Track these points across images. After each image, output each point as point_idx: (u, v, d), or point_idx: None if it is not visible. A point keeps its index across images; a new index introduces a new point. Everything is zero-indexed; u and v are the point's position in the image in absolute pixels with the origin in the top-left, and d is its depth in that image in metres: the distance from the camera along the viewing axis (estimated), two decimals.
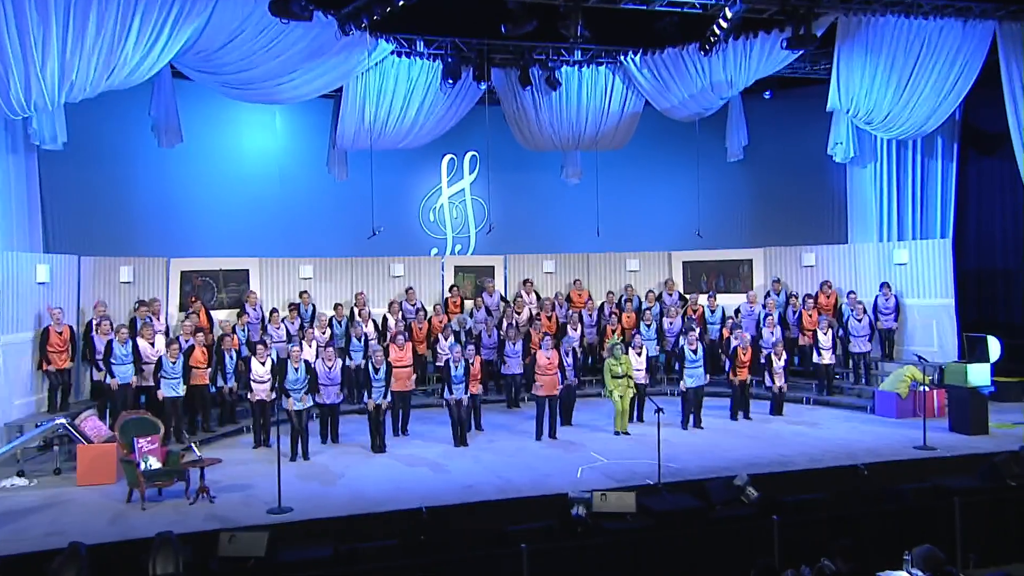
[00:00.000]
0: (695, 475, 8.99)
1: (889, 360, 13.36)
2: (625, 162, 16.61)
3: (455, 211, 16.87)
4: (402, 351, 11.36)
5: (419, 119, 13.61)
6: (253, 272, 13.73)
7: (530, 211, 16.76)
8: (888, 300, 13.24)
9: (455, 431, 10.76)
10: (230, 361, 11.28)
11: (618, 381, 11.15)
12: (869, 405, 12.36)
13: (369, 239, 13.25)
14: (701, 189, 15.58)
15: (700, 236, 14.98)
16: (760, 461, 9.57)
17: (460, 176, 16.81)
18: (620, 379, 11.16)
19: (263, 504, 8.12)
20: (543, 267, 15.60)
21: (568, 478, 9.02)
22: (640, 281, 15.58)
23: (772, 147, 16.17)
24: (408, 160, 16.04)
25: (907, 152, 14.64)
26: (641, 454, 9.87)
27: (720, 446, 10.41)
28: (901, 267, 13.52)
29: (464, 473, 9.34)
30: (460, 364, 10.79)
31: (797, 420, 11.94)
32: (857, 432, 11.09)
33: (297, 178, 15.34)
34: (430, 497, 8.32)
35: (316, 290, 14.10)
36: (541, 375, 11.06)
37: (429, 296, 14.77)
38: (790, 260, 15.00)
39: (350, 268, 14.55)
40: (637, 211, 16.94)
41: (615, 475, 9.10)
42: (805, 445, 10.32)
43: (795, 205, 16.15)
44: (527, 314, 14.17)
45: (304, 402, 10.14)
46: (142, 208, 13.54)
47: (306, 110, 15.22)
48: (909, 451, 9.92)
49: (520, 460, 9.88)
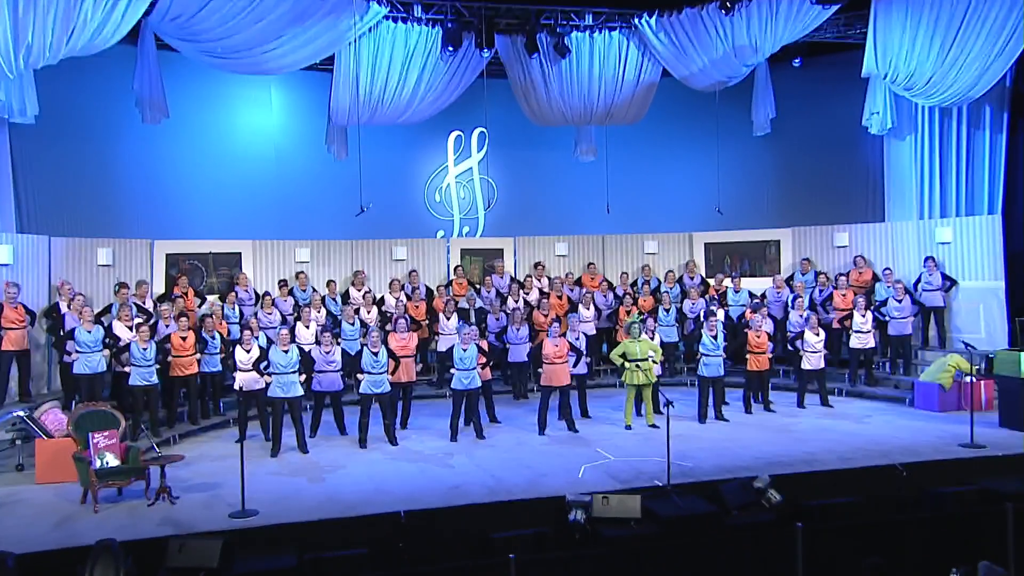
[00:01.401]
0: (709, 475, 8.07)
1: (926, 347, 12.25)
2: (642, 138, 15.65)
3: (462, 191, 16.01)
4: (405, 339, 10.49)
5: (419, 91, 12.74)
6: (246, 255, 13.06)
7: (542, 191, 15.89)
8: (932, 275, 12.11)
9: (453, 425, 9.92)
10: (212, 344, 10.57)
11: (634, 365, 10.14)
12: (908, 397, 11.28)
13: (357, 216, 12.49)
14: (724, 166, 14.54)
15: (721, 213, 13.95)
16: (783, 459, 8.60)
17: (467, 154, 15.96)
18: (637, 363, 10.14)
19: (228, 506, 7.38)
20: (555, 250, 14.74)
21: (568, 478, 8.15)
22: (659, 265, 14.69)
23: (801, 119, 15.04)
24: (412, 137, 15.29)
25: (951, 122, 13.40)
26: (651, 451, 8.95)
27: (739, 442, 9.44)
28: (944, 246, 12.37)
29: (454, 472, 8.51)
30: (471, 347, 9.88)
31: (826, 413, 10.90)
32: (894, 427, 10.04)
33: (294, 156, 14.62)
34: (412, 499, 7.53)
35: (313, 274, 13.44)
36: (548, 364, 10.14)
37: (433, 281, 13.98)
38: (821, 240, 13.92)
39: (349, 251, 13.83)
40: (655, 190, 15.97)
41: (620, 475, 8.20)
42: (834, 442, 9.32)
43: (826, 181, 14.99)
44: (536, 296, 13.31)
45: (288, 390, 9.34)
46: (124, 187, 12.85)
47: (303, 85, 14.48)
48: (954, 449, 8.86)
49: (517, 457, 9.02)
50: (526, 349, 11.64)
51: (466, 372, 9.83)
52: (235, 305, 11.93)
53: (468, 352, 9.85)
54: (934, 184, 13.44)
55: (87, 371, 9.44)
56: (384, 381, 9.69)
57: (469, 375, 9.84)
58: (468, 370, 9.83)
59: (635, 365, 10.17)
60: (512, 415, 11.20)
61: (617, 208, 14.74)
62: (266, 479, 8.30)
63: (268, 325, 11.72)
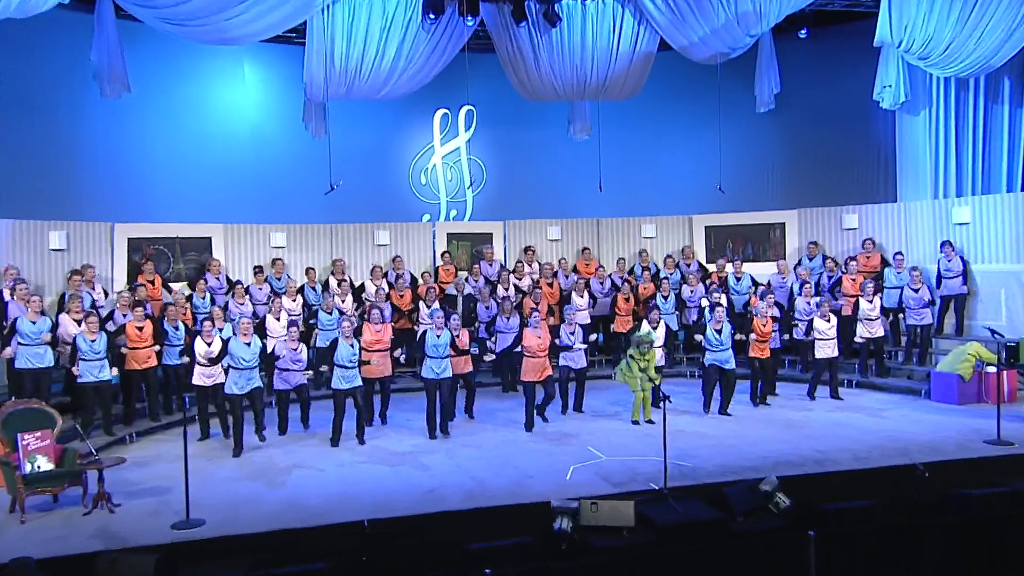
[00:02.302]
0: (712, 477, 7.32)
1: (940, 335, 11.46)
2: (639, 115, 14.83)
3: (449, 172, 15.18)
4: (379, 330, 9.72)
5: (399, 63, 11.88)
6: (216, 240, 12.26)
7: (533, 172, 15.07)
8: (951, 260, 11.31)
9: (430, 420, 9.15)
10: (174, 334, 9.79)
11: (642, 374, 9.42)
12: (924, 389, 10.50)
13: (327, 194, 11.72)
14: (726, 144, 13.71)
15: (722, 191, 13.12)
16: (792, 459, 7.83)
17: (454, 133, 15.13)
18: (642, 372, 9.43)
19: (175, 515, 6.60)
20: (547, 234, 13.96)
21: (555, 480, 7.38)
22: (657, 249, 13.92)
23: (808, 94, 14.20)
24: (395, 116, 14.47)
25: (967, 95, 12.59)
26: (647, 449, 8.18)
27: (743, 439, 8.67)
28: (962, 227, 11.55)
29: (430, 473, 7.73)
30: (443, 333, 9.14)
31: (838, 407, 10.12)
32: (911, 422, 9.27)
33: (269, 135, 13.80)
34: (381, 505, 6.77)
35: (290, 260, 12.68)
36: (529, 356, 9.37)
37: (419, 267, 13.20)
38: (829, 222, 13.12)
39: (328, 236, 13.03)
40: (653, 171, 15.13)
41: (612, 477, 7.42)
42: (847, 438, 8.54)
43: (834, 160, 14.17)
44: (528, 283, 12.52)
45: (245, 387, 8.55)
46: (81, 165, 11.95)
47: (278, 58, 13.64)
48: (979, 446, 8.08)
49: (501, 456, 8.24)
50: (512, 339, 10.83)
51: (438, 360, 9.08)
52: (205, 294, 11.14)
53: (441, 338, 9.11)
54: (949, 161, 12.63)
55: (31, 366, 8.61)
56: (357, 375, 8.94)
57: (442, 363, 9.10)
58: (441, 358, 9.08)
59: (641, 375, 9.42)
60: (499, 409, 10.43)
61: (613, 190, 13.94)
62: (220, 483, 7.54)
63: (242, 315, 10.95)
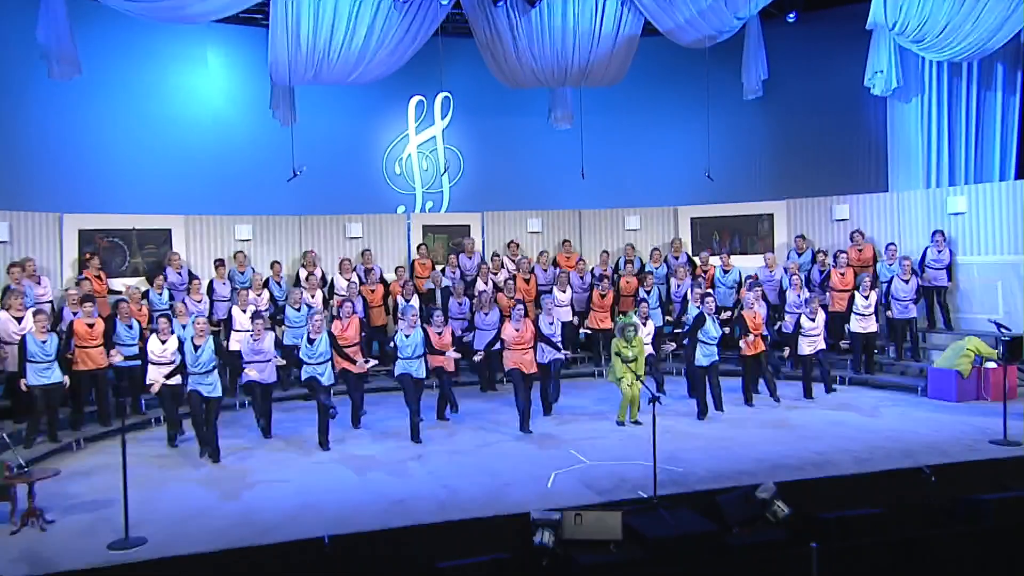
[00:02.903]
0: (704, 483, 6.78)
1: (933, 330, 11.04)
2: (622, 103, 14.30)
3: (425, 162, 14.55)
4: (347, 327, 9.15)
5: (369, 45, 11.24)
6: (177, 232, 11.57)
7: (512, 161, 14.49)
8: (941, 251, 10.88)
9: (413, 422, 8.53)
10: (127, 334, 9.11)
11: (628, 366, 8.85)
12: (920, 385, 10.06)
13: (289, 181, 11.09)
14: (712, 133, 13.19)
15: (711, 179, 12.61)
16: (788, 461, 7.32)
17: (430, 122, 14.50)
18: (630, 363, 8.87)
19: (114, 533, 5.95)
20: (527, 226, 13.41)
21: (535, 488, 6.81)
22: (641, 241, 13.41)
23: (797, 81, 13.75)
24: (368, 103, 13.84)
25: (960, 82, 12.16)
26: (634, 453, 7.65)
27: (735, 440, 8.15)
28: (958, 217, 11.12)
29: (400, 481, 7.13)
30: (413, 333, 8.56)
31: (834, 405, 9.63)
32: (909, 420, 8.81)
33: (235, 122, 13.11)
34: (345, 518, 6.16)
35: (256, 254, 12.00)
36: (508, 350, 8.85)
37: (392, 261, 12.59)
38: (819, 213, 12.65)
39: (297, 228, 12.39)
40: (637, 160, 14.63)
41: (597, 484, 6.86)
42: (845, 438, 8.06)
43: (824, 149, 13.70)
44: (504, 277, 11.96)
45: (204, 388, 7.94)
46: (27, 152, 11.14)
47: (244, 41, 12.97)
48: (985, 447, 7.62)
49: (478, 462, 7.66)
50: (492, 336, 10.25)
51: (410, 361, 8.54)
52: (163, 290, 10.46)
53: (411, 338, 8.55)
54: (942, 150, 12.21)
55: None
56: (325, 372, 8.35)
57: (414, 364, 8.56)
58: (412, 359, 8.54)
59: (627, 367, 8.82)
60: (477, 410, 9.85)
61: (596, 180, 13.41)
62: (170, 495, 6.89)
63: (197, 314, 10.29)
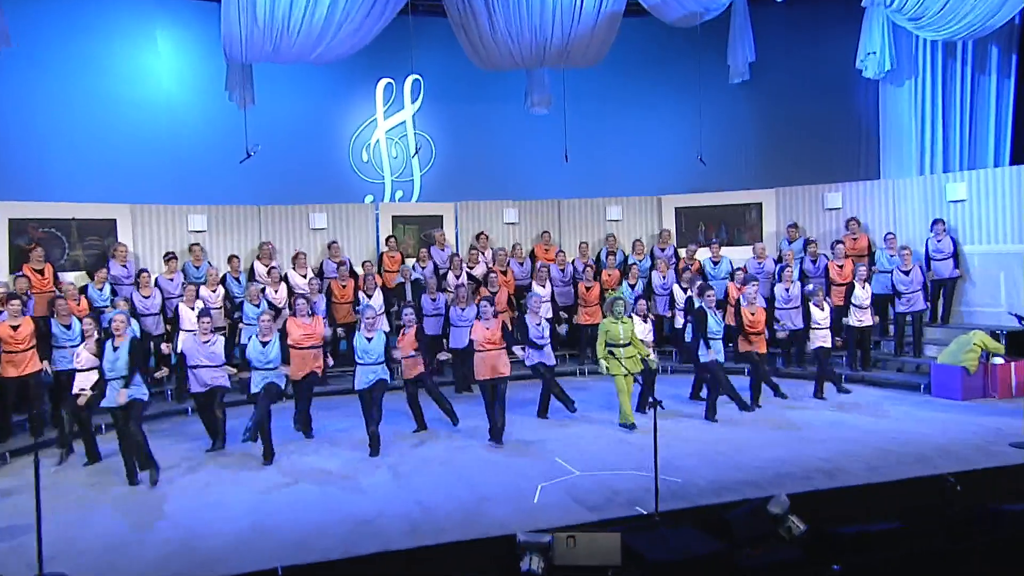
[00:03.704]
0: (705, 496, 6.09)
1: (933, 323, 10.50)
2: (603, 87, 13.63)
3: (394, 149, 13.72)
4: (309, 324, 8.31)
5: (333, 18, 10.37)
6: (123, 222, 10.63)
7: (488, 149, 13.75)
8: (941, 240, 10.34)
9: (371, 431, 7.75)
10: (65, 335, 8.19)
11: (619, 351, 8.05)
12: (922, 383, 9.49)
13: (242, 162, 10.23)
14: (697, 118, 12.53)
15: (703, 163, 11.96)
16: (794, 470, 6.66)
17: (400, 106, 13.69)
18: (622, 347, 8.08)
19: (28, 568, 5.06)
20: (504, 216, 12.64)
21: (519, 503, 6.07)
22: (624, 233, 12.68)
23: (785, 64, 13.21)
24: (333, 85, 13.04)
25: (955, 64, 11.71)
26: (623, 461, 6.94)
27: (733, 445, 7.47)
28: (957, 205, 10.58)
29: (366, 498, 6.34)
30: (376, 335, 7.74)
31: (835, 405, 8.99)
32: (916, 421, 8.21)
33: (187, 103, 12.21)
34: (302, 544, 5.37)
35: (212, 246, 11.11)
36: (479, 351, 7.99)
37: (360, 253, 11.77)
38: (810, 202, 12.06)
39: (256, 218, 11.50)
40: (619, 148, 13.95)
41: (587, 498, 6.14)
42: (851, 442, 7.43)
43: (813, 135, 13.18)
44: (482, 271, 11.21)
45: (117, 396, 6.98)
46: None
47: (197, 17, 12.09)
48: (1005, 450, 7.03)
49: (453, 473, 6.89)
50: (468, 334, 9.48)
51: (371, 367, 7.65)
52: (104, 285, 9.52)
53: (374, 343, 7.68)
54: (936, 135, 11.73)
55: None
56: (277, 377, 7.51)
57: (374, 371, 7.65)
58: (373, 365, 7.65)
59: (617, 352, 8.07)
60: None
61: (576, 169, 12.70)
62: (96, 521, 6.02)
63: (145, 311, 9.42)
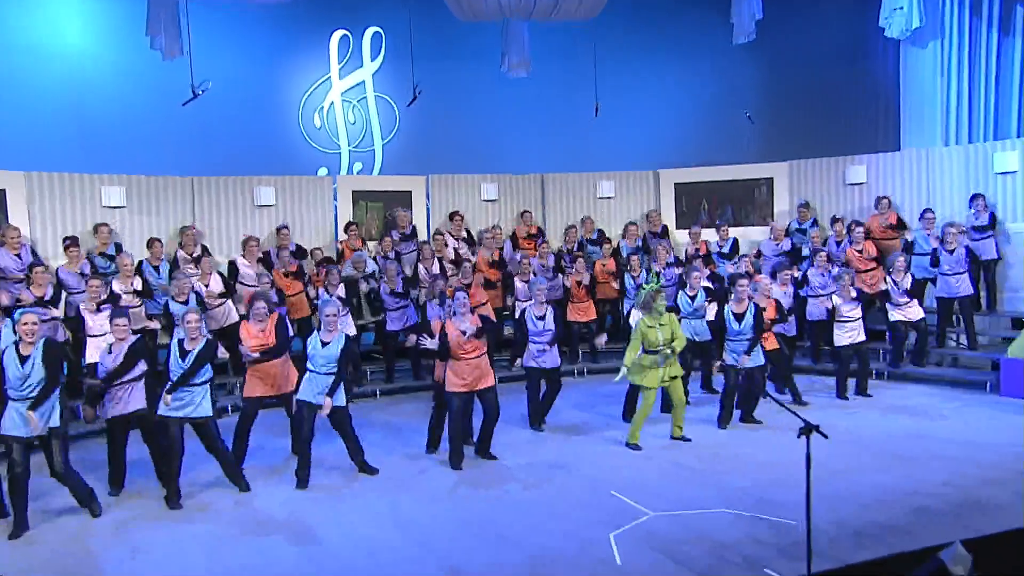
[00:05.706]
0: (847, 547, 4.59)
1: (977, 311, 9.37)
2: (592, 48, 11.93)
3: (352, 113, 11.86)
4: (264, 331, 6.33)
5: None
6: (15, 196, 8.61)
7: (463, 115, 12.06)
8: (980, 217, 9.21)
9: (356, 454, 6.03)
10: None
11: (653, 359, 6.46)
12: (988, 380, 8.28)
13: (185, 104, 8.35)
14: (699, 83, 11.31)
15: (752, 121, 10.73)
16: (918, 500, 5.23)
17: (358, 63, 11.85)
18: (656, 355, 6.48)
19: None
20: (481, 193, 11.06)
21: (582, 561, 4.42)
22: (616, 212, 11.21)
23: (796, 23, 11.89)
24: (278, 37, 11.26)
25: (980, 24, 10.70)
26: (704, 493, 5.38)
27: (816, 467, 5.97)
28: (1006, 177, 9.45)
29: (357, 550, 4.57)
30: (336, 337, 5.96)
31: (883, 407, 7.70)
32: (1000, 429, 6.83)
33: (99, 53, 10.15)
34: None
35: (130, 225, 9.07)
36: (455, 360, 6.19)
37: (314, 236, 9.93)
38: (828, 177, 10.82)
39: (189, 192, 9.56)
40: (612, 116, 12.32)
41: (689, 555, 4.50)
42: (948, 459, 6.07)
43: (828, 102, 12.00)
44: (452, 256, 9.60)
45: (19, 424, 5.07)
46: None
47: None
48: None
49: (473, 517, 5.18)
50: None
51: (320, 377, 5.90)
52: None
53: (330, 348, 5.91)
54: (962, 102, 10.65)
55: None
56: (194, 402, 5.61)
57: (322, 383, 5.90)
58: (324, 375, 5.90)
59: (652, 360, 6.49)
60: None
61: (565, 138, 11.19)
62: None
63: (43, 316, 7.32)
